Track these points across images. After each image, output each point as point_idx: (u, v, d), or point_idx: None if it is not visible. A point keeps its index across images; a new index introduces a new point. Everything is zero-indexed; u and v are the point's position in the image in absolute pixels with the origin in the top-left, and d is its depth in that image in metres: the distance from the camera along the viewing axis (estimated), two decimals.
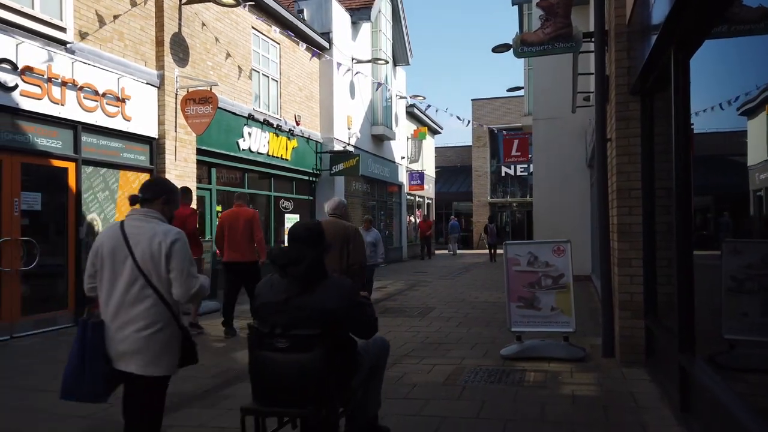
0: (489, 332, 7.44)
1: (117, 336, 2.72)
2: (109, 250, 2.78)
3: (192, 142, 10.10)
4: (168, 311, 2.78)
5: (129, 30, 8.96)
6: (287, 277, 2.92)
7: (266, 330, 2.86)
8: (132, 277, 2.72)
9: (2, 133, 7.08)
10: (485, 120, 31.06)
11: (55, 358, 6.22)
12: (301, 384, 2.78)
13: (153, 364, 2.76)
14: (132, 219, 2.83)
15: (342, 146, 16.13)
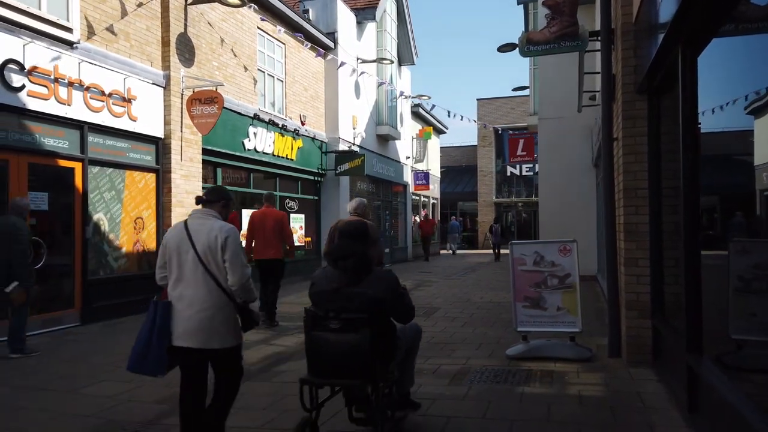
0: (494, 332, 7.42)
1: (182, 315, 3.20)
2: (175, 244, 3.30)
3: (198, 142, 10.13)
4: (224, 294, 3.26)
5: (135, 30, 8.99)
6: (339, 269, 3.36)
7: (321, 313, 3.32)
8: (194, 266, 3.23)
9: (9, 133, 7.12)
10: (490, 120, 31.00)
11: (61, 358, 6.26)
12: (350, 360, 3.23)
13: (210, 339, 3.21)
14: (194, 218, 3.37)
15: (347, 146, 16.13)
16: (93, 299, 8.15)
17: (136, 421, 4.26)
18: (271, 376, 5.51)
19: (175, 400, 4.74)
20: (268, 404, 4.63)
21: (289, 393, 4.89)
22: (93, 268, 8.28)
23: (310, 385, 3.36)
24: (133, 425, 4.18)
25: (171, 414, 4.42)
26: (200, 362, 3.32)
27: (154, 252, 9.39)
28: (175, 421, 4.24)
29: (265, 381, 5.33)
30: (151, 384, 5.20)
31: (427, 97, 21.16)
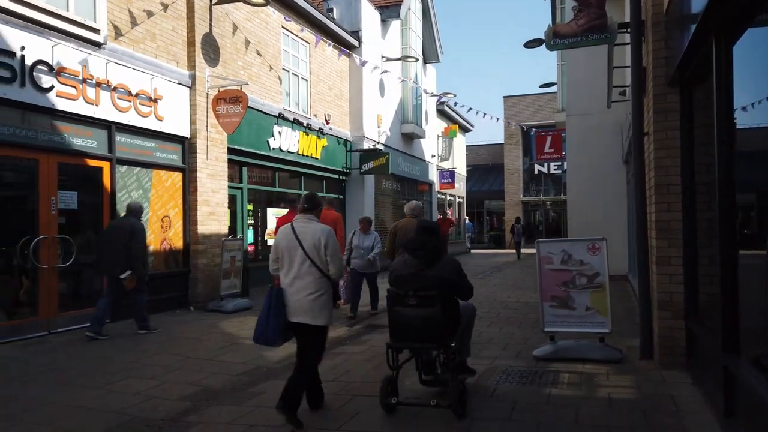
0: (521, 332, 7.28)
1: (293, 299, 4.10)
2: (286, 243, 4.19)
3: (223, 141, 10.20)
4: (327, 282, 4.18)
5: (161, 31, 9.09)
6: (415, 257, 4.26)
7: (401, 292, 4.21)
8: (302, 260, 4.11)
9: (39, 133, 7.25)
10: (517, 117, 30.63)
11: (88, 355, 6.34)
12: (425, 328, 4.13)
13: (317, 317, 4.12)
14: (299, 222, 4.24)
15: (372, 145, 16.09)
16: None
17: (159, 417, 4.28)
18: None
19: (197, 397, 4.78)
20: None
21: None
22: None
23: (392, 349, 4.26)
24: (157, 422, 4.19)
25: (193, 411, 4.43)
26: (303, 334, 4.21)
27: (181, 250, 9.49)
28: (198, 418, 4.27)
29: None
30: (174, 383, 5.24)
31: (453, 94, 20.96)
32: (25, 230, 7.11)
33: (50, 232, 7.30)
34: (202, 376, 5.43)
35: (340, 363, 5.89)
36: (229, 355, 6.28)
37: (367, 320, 8.49)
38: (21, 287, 7.22)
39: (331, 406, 4.48)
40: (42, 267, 7.16)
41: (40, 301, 7.23)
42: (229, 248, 9.56)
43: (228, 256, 9.50)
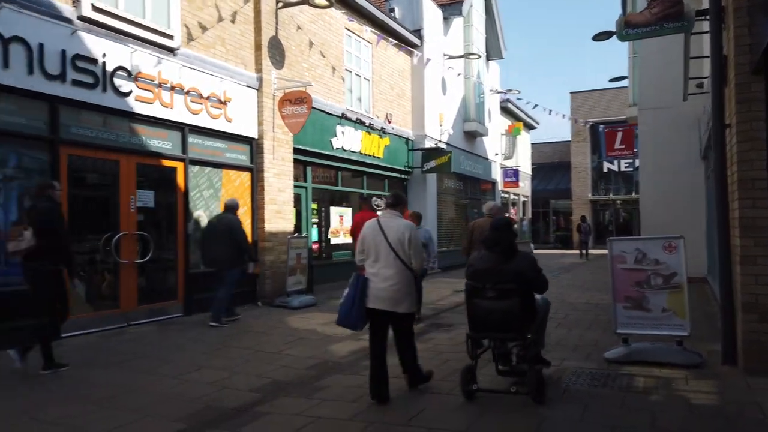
0: (591, 334, 7.03)
1: (377, 287, 4.45)
2: (372, 236, 4.55)
3: (289, 141, 10.44)
4: (409, 273, 4.50)
5: (230, 35, 9.41)
6: (493, 252, 4.48)
7: (480, 286, 4.45)
8: (387, 252, 4.46)
9: (120, 135, 7.68)
10: (585, 113, 29.64)
11: (164, 345, 6.65)
12: (503, 320, 4.34)
13: (397, 304, 4.46)
14: (384, 217, 4.63)
15: (434, 143, 16.02)
16: (194, 291, 8.62)
17: (230, 407, 4.42)
18: (360, 369, 5.53)
19: (266, 389, 4.91)
20: (356, 396, 4.64)
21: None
22: (194, 262, 8.75)
23: (472, 339, 4.52)
24: (230, 411, 4.33)
25: (263, 402, 4.54)
26: (387, 321, 4.53)
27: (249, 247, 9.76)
28: (267, 409, 4.38)
29: (353, 374, 5.36)
30: (244, 374, 5.40)
31: (517, 91, 20.61)
32: (107, 227, 7.54)
33: (130, 229, 7.71)
34: (270, 368, 5.57)
35: None
36: (296, 350, 6.41)
37: (430, 319, 8.45)
38: (104, 281, 7.66)
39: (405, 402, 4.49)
40: (122, 262, 7.57)
41: (121, 294, 7.65)
42: (294, 246, 9.77)
43: (293, 253, 9.71)
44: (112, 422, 4.07)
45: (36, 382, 5.08)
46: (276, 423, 4.08)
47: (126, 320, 7.64)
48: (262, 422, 4.09)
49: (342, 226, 12.72)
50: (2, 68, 6.21)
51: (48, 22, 6.64)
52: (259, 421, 4.12)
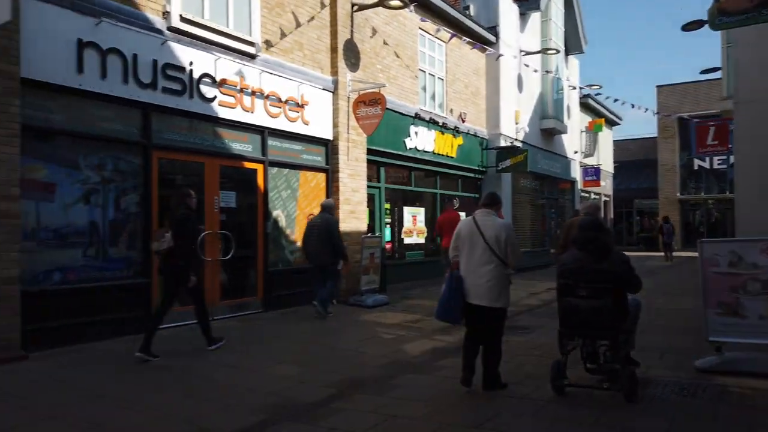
0: (680, 341, 6.63)
1: (473, 283, 4.64)
2: (467, 233, 4.75)
3: (362, 142, 10.57)
4: (504, 269, 4.67)
5: (307, 40, 9.66)
6: (585, 251, 4.50)
7: (571, 284, 4.50)
8: (483, 249, 4.65)
9: (205, 139, 8.08)
10: (673, 108, 27.99)
11: (246, 340, 6.92)
12: (594, 318, 4.40)
13: (496, 300, 4.65)
14: (480, 215, 4.80)
15: (509, 142, 15.69)
16: (272, 288, 8.92)
17: (307, 402, 4.53)
18: (433, 369, 5.52)
19: (341, 385, 4.99)
20: (430, 396, 4.63)
21: (451, 388, 4.86)
22: (272, 260, 9.06)
23: (563, 336, 4.62)
24: (306, 405, 4.44)
25: (338, 398, 4.63)
26: (483, 316, 4.69)
27: None
28: (342, 405, 4.46)
29: (426, 374, 5.35)
30: (320, 370, 5.52)
31: (598, 86, 19.76)
32: None
33: (214, 228, 8.09)
34: (345, 365, 5.67)
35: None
36: (371, 348, 6.48)
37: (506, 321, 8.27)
38: None
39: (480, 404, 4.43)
40: (206, 259, 7.96)
41: (206, 290, 8.03)
42: (368, 245, 9.89)
43: (367, 252, 9.83)
44: (196, 411, 4.29)
45: (130, 371, 5.44)
46: (351, 420, 4.14)
47: (210, 315, 8.00)
48: (338, 418, 4.16)
49: (415, 226, 12.74)
50: (100, 78, 6.70)
51: (141, 33, 7.10)
52: (335, 417, 4.20)
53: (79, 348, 6.19)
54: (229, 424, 4.03)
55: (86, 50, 6.54)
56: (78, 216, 6.61)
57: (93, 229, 6.75)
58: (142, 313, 7.06)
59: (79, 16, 6.48)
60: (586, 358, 4.80)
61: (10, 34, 5.69)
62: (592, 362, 4.81)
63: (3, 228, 5.62)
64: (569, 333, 4.62)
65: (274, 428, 3.97)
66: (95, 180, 6.79)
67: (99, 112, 6.81)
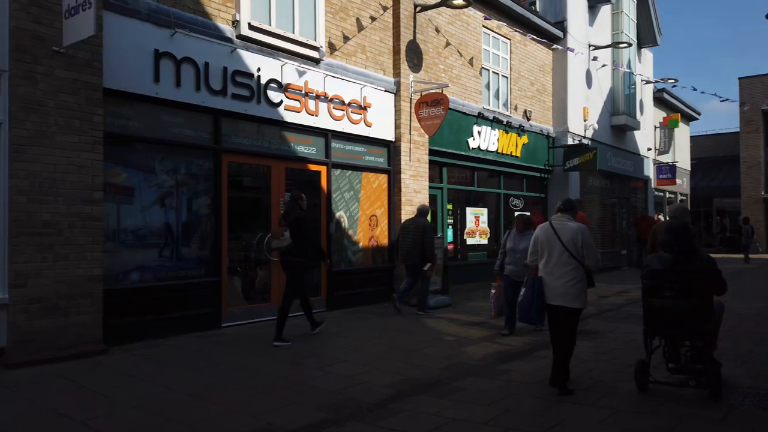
0: (762, 349, 6.21)
1: (552, 285, 4.83)
2: (546, 238, 4.96)
3: (425, 143, 10.56)
4: (582, 271, 4.83)
5: (370, 43, 9.76)
6: (672, 253, 4.61)
7: (657, 285, 4.65)
8: (560, 252, 4.84)
9: (271, 142, 8.32)
10: (758, 100, 26.20)
11: (311, 338, 7.07)
12: (679, 319, 4.56)
13: (574, 300, 4.80)
14: (557, 220, 5.01)
15: (577, 140, 15.19)
16: (336, 289, 9.08)
17: (368, 401, 4.58)
18: (496, 373, 5.44)
19: (402, 386, 5.01)
20: (492, 401, 4.57)
21: (514, 393, 4.78)
22: (336, 260, 9.21)
23: (647, 336, 4.80)
24: (367, 405, 4.50)
25: (398, 399, 4.65)
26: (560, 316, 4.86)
27: (386, 248, 10.07)
28: (402, 406, 4.47)
29: (489, 378, 5.28)
30: (381, 370, 5.57)
31: (674, 80, 18.77)
32: (260, 227, 8.23)
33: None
34: (406, 366, 5.68)
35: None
36: (432, 349, 6.47)
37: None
38: (256, 277, 8.36)
39: (545, 410, 4.34)
40: (273, 260, 8.20)
41: (272, 289, 8.28)
42: None
43: None
44: (261, 407, 4.43)
45: (198, 367, 5.69)
46: (411, 421, 4.15)
47: (276, 313, 8.22)
48: (398, 419, 4.18)
49: (478, 227, 12.58)
50: (175, 86, 7.05)
51: (212, 42, 7.41)
52: (396, 417, 4.22)
53: (154, 343, 6.53)
54: (294, 420, 4.14)
55: (162, 60, 6.90)
56: (154, 218, 6.98)
57: (167, 230, 7.12)
58: (213, 310, 7.38)
59: (156, 28, 6.85)
60: (669, 358, 4.90)
61: (94, 47, 6.09)
62: (674, 362, 4.90)
63: (87, 230, 6.02)
64: (654, 333, 4.78)
65: (336, 427, 4.05)
66: (169, 183, 7.15)
67: (173, 118, 7.17)
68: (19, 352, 5.50)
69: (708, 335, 4.67)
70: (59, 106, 5.83)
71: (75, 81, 5.95)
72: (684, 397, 4.61)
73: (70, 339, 5.84)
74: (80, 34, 5.61)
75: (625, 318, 8.55)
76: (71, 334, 5.85)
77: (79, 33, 5.61)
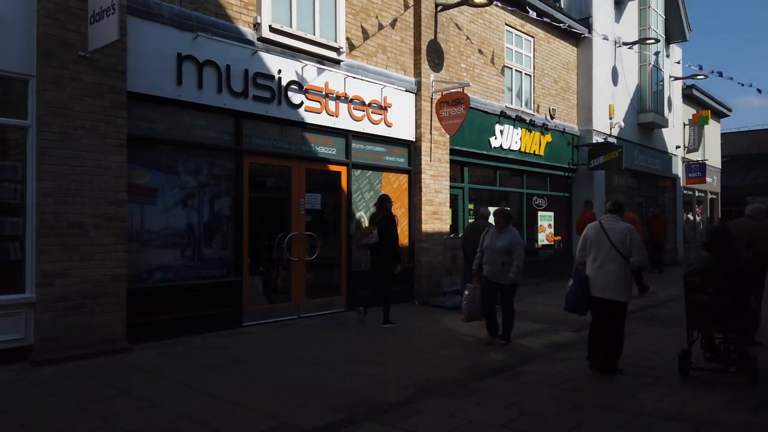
0: None
1: (600, 279, 5.31)
2: (595, 236, 5.44)
3: (445, 143, 10.51)
4: (628, 267, 5.31)
5: (390, 43, 9.76)
6: (712, 253, 5.20)
7: (698, 282, 5.15)
8: (608, 250, 5.30)
9: (292, 143, 8.39)
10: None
11: (331, 338, 7.12)
12: (719, 314, 5.07)
13: (621, 294, 5.30)
14: (606, 220, 5.49)
15: (602, 138, 14.94)
16: (355, 288, 9.11)
17: (384, 401, 4.59)
18: (513, 375, 5.40)
19: (419, 387, 5.01)
20: (510, 403, 4.54)
21: (531, 395, 4.73)
22: (356, 260, 9.25)
23: (689, 329, 5.30)
24: (383, 405, 4.51)
25: (415, 399, 4.65)
26: (606, 309, 5.35)
27: (406, 247, 10.05)
28: (420, 407, 4.48)
29: (507, 380, 5.24)
30: (399, 371, 5.57)
31: (704, 76, 18.30)
32: (281, 227, 8.31)
33: (300, 230, 8.40)
34: (424, 367, 5.68)
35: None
36: (450, 350, 6.45)
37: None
38: (278, 276, 8.44)
39: (563, 414, 4.30)
40: (293, 260, 8.27)
41: (293, 289, 8.36)
42: (450, 246, 9.82)
43: (449, 254, 9.76)
44: (278, 405, 4.48)
45: (218, 365, 5.77)
46: (428, 422, 4.14)
47: (296, 313, 8.33)
48: (415, 420, 4.19)
49: None
50: (197, 89, 7.16)
51: (234, 45, 7.50)
52: (413, 418, 4.22)
53: (176, 341, 6.65)
54: (311, 420, 4.18)
55: (185, 63, 7.01)
56: (176, 218, 7.11)
57: (190, 230, 7.24)
58: (234, 310, 7.49)
59: (179, 32, 6.96)
60: (706, 349, 5.38)
61: (118, 51, 6.22)
62: (711, 352, 5.38)
63: (112, 230, 6.16)
64: (695, 326, 5.29)
65: (353, 427, 4.07)
66: (192, 185, 7.27)
67: (195, 120, 7.28)
68: (45, 350, 5.66)
69: (744, 329, 5.18)
70: (85, 110, 5.97)
71: (100, 85, 6.09)
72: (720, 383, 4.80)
73: (95, 337, 5.98)
74: (105, 39, 5.74)
75: (650, 319, 8.40)
76: (96, 332, 6.00)
77: (104, 38, 5.74)
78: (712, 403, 4.53)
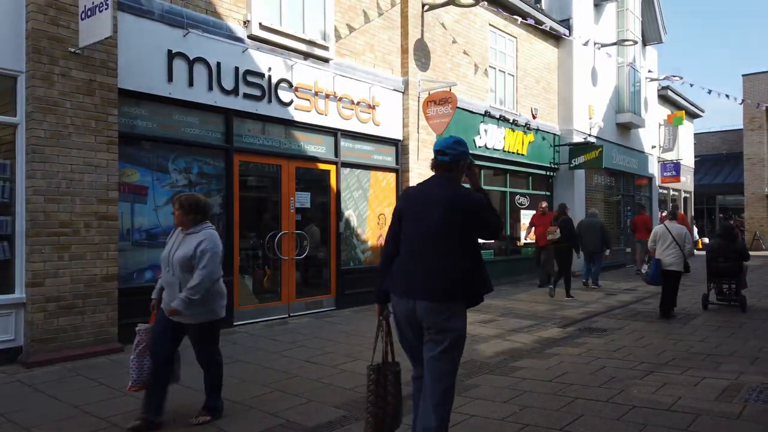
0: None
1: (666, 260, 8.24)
2: (662, 233, 8.34)
3: (432, 142, 10.58)
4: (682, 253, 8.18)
5: (378, 42, 9.79)
6: (722, 239, 8.89)
7: (716, 255, 8.79)
8: (670, 241, 8.21)
9: (281, 142, 8.37)
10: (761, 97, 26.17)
11: (323, 337, 7.13)
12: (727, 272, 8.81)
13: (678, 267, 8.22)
14: (668, 222, 8.46)
15: (582, 137, 15.19)
16: (345, 287, 9.13)
17: None
18: (509, 370, 5.49)
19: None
20: (508, 398, 4.62)
21: (529, 390, 4.82)
22: (345, 259, 9.27)
23: (709, 281, 8.99)
24: None
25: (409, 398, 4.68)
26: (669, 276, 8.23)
27: None
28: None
29: (503, 375, 5.33)
30: None
31: (678, 78, 18.75)
32: (270, 226, 8.27)
33: (289, 228, 8.38)
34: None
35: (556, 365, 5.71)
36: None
37: (581, 323, 8.08)
38: (267, 276, 8.41)
39: (563, 408, 4.39)
40: (283, 258, 8.25)
41: (282, 287, 8.34)
42: None
43: None
44: (280, 405, 4.48)
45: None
46: None
47: (287, 312, 8.32)
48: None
49: None
50: (188, 86, 7.09)
51: (224, 42, 7.45)
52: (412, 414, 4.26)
53: None
54: (312, 418, 4.20)
55: (175, 60, 6.95)
56: (167, 217, 7.01)
57: None
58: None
59: (169, 29, 6.89)
60: (717, 293, 9.02)
61: (109, 48, 6.14)
62: (720, 295, 9.04)
63: (103, 229, 6.08)
64: (712, 280, 8.93)
65: (354, 424, 4.10)
66: (182, 183, 7.20)
67: (186, 118, 7.21)
68: (36, 351, 5.57)
69: (740, 282, 8.69)
70: (75, 107, 5.88)
71: (91, 82, 6.00)
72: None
73: (87, 338, 5.90)
74: (97, 35, 5.66)
75: (634, 315, 8.60)
76: (88, 332, 5.91)
77: (96, 34, 5.66)
78: (707, 394, 4.68)
